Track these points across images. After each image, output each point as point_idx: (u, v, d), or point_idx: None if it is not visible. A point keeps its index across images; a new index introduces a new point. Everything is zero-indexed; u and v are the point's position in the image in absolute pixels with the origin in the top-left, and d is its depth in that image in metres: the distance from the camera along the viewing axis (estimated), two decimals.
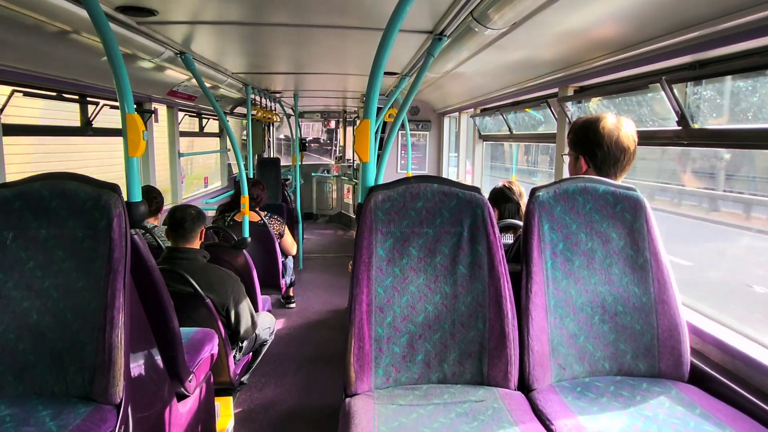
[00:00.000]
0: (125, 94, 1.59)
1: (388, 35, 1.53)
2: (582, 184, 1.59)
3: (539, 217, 1.55)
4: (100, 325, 1.41)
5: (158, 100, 4.07)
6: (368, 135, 1.56)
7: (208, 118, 5.65)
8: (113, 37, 1.57)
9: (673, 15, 1.57)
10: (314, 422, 2.83)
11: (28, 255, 1.48)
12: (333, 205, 9.18)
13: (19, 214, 1.49)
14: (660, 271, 1.55)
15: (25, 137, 2.95)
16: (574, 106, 2.63)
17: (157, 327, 1.76)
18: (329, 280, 5.59)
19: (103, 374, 1.40)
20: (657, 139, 2.09)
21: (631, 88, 2.13)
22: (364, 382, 1.50)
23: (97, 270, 1.45)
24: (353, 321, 1.49)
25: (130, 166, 1.62)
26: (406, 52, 3.02)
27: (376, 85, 1.56)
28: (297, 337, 4.04)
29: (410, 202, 1.55)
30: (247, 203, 3.35)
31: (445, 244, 1.55)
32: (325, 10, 2.22)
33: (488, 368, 1.53)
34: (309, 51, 3.28)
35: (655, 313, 1.54)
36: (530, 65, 2.71)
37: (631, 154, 1.67)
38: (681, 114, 1.86)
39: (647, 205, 1.58)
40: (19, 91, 2.52)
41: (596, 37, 1.99)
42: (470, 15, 1.98)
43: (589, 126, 1.70)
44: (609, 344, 1.55)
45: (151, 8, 2.08)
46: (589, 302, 1.55)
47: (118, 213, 1.47)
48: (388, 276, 1.53)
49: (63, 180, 1.51)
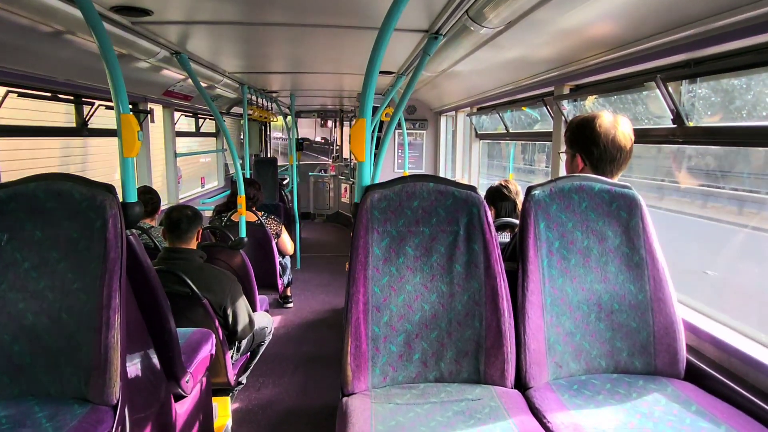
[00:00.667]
0: (120, 94, 1.58)
1: (383, 34, 1.53)
2: (578, 183, 1.59)
3: (535, 216, 1.55)
4: (96, 325, 1.41)
5: (154, 100, 4.05)
6: (364, 134, 1.56)
7: (204, 118, 5.64)
8: (108, 38, 1.56)
9: (668, 13, 1.58)
10: (312, 422, 2.83)
11: (23, 256, 1.48)
12: (330, 205, 9.17)
13: (14, 215, 1.48)
14: (656, 269, 1.56)
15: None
16: (570, 104, 2.64)
17: (153, 327, 1.75)
18: (326, 279, 5.59)
19: (99, 375, 1.40)
20: (652, 138, 2.09)
21: (627, 86, 2.14)
22: (361, 382, 1.50)
23: (92, 271, 1.45)
24: (350, 320, 1.49)
25: (125, 166, 1.62)
26: (402, 51, 3.02)
27: (371, 84, 1.56)
28: (294, 337, 4.04)
29: (406, 201, 1.55)
30: (244, 203, 3.35)
31: (442, 243, 1.56)
32: (320, 9, 2.22)
33: (485, 366, 1.53)
34: (305, 50, 3.27)
35: (650, 311, 1.54)
36: (526, 64, 2.72)
37: (627, 152, 1.67)
38: (676, 112, 1.86)
39: (643, 203, 1.59)
40: (14, 92, 2.51)
41: (592, 35, 1.99)
42: (465, 14, 1.98)
43: (586, 124, 1.70)
44: (605, 342, 1.55)
45: (145, 8, 2.07)
46: (586, 300, 1.56)
47: (114, 214, 1.47)
48: (384, 275, 1.53)
49: (58, 181, 1.50)
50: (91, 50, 2.46)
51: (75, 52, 2.48)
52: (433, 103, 5.79)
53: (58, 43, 2.31)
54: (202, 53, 3.20)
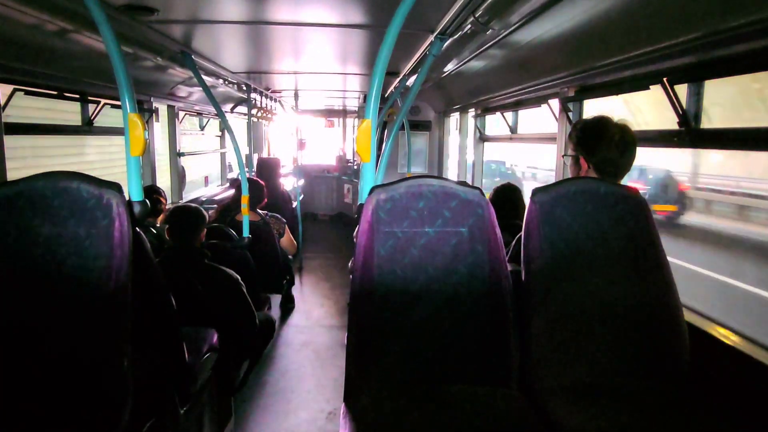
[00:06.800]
0: (126, 93, 1.59)
1: (389, 35, 1.53)
2: (583, 185, 1.58)
3: (540, 218, 1.55)
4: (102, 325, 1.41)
5: (159, 99, 4.07)
6: (369, 135, 1.55)
7: (208, 117, 5.65)
8: (114, 36, 1.56)
9: (676, 16, 1.57)
10: (315, 423, 2.83)
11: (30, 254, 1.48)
12: (333, 205, 9.17)
13: (21, 213, 1.49)
14: (661, 273, 1.55)
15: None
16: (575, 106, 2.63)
17: (158, 327, 1.76)
18: (330, 280, 5.59)
19: (104, 375, 1.40)
20: (657, 141, 2.08)
21: (633, 88, 2.13)
22: (364, 383, 1.50)
23: (98, 269, 1.45)
24: (353, 321, 1.49)
25: (131, 165, 1.62)
26: (408, 51, 3.02)
27: (377, 85, 1.56)
28: (297, 337, 4.04)
29: (411, 202, 1.55)
30: (248, 203, 3.35)
31: (446, 244, 1.55)
32: (326, 8, 2.22)
33: (488, 368, 1.53)
34: (310, 50, 3.27)
35: (655, 314, 1.53)
36: (531, 66, 2.71)
37: (631, 155, 1.67)
38: (682, 115, 1.85)
39: (648, 206, 1.58)
40: (20, 90, 2.52)
41: (598, 37, 1.98)
42: (472, 15, 1.97)
43: (591, 127, 1.70)
44: (609, 345, 1.55)
45: (151, 7, 2.08)
46: (590, 303, 1.55)
47: (120, 212, 1.47)
48: (388, 276, 1.53)
49: (64, 178, 1.50)
50: (96, 48, 2.47)
51: (81, 50, 2.48)
52: (437, 105, 5.79)
53: (65, 42, 2.32)
54: (206, 52, 3.21)
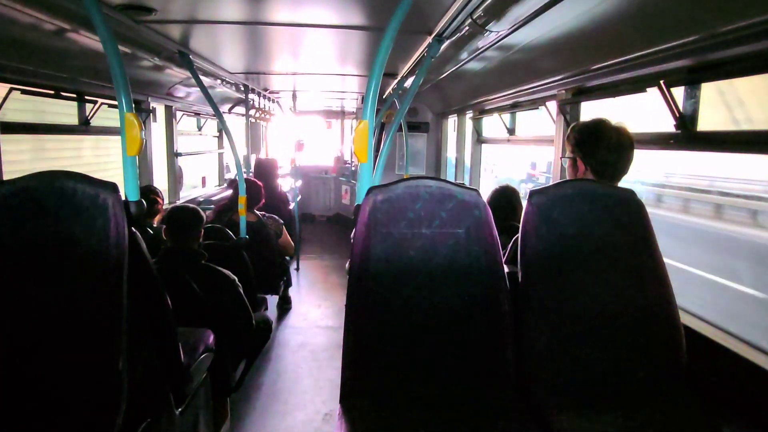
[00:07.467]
0: (123, 93, 1.58)
1: (387, 36, 1.53)
2: (580, 187, 1.58)
3: (537, 220, 1.55)
4: (98, 325, 1.40)
5: (156, 99, 4.06)
6: (367, 136, 1.55)
7: (206, 117, 5.64)
8: (112, 36, 1.56)
9: (673, 18, 1.57)
10: (311, 424, 2.83)
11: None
12: (331, 206, 9.16)
13: (16, 213, 1.48)
14: (657, 274, 1.55)
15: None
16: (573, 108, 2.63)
17: (154, 327, 1.75)
18: (327, 281, 5.58)
19: (99, 375, 1.39)
20: (655, 143, 2.09)
21: (630, 90, 2.14)
22: (360, 384, 1.50)
23: (94, 269, 1.44)
24: (350, 322, 1.49)
25: (127, 164, 1.62)
26: (405, 53, 3.02)
27: (375, 87, 1.56)
28: (294, 338, 4.03)
29: (409, 203, 1.55)
30: (245, 203, 3.34)
31: (444, 245, 1.55)
32: (324, 9, 2.22)
33: (485, 370, 1.52)
34: (308, 51, 3.27)
35: (652, 316, 1.53)
36: (529, 68, 2.71)
37: (629, 157, 1.68)
38: (679, 117, 1.86)
39: (645, 208, 1.59)
40: (17, 89, 2.51)
41: (596, 39, 1.99)
42: (470, 17, 1.98)
43: (588, 129, 1.70)
44: (606, 346, 1.54)
45: (149, 6, 2.07)
46: (587, 304, 1.54)
47: (116, 212, 1.46)
48: (385, 277, 1.52)
49: (60, 178, 1.50)
50: (94, 48, 2.46)
51: (78, 49, 2.48)
52: (435, 106, 5.79)
53: (62, 41, 2.31)
54: (204, 52, 3.20)
